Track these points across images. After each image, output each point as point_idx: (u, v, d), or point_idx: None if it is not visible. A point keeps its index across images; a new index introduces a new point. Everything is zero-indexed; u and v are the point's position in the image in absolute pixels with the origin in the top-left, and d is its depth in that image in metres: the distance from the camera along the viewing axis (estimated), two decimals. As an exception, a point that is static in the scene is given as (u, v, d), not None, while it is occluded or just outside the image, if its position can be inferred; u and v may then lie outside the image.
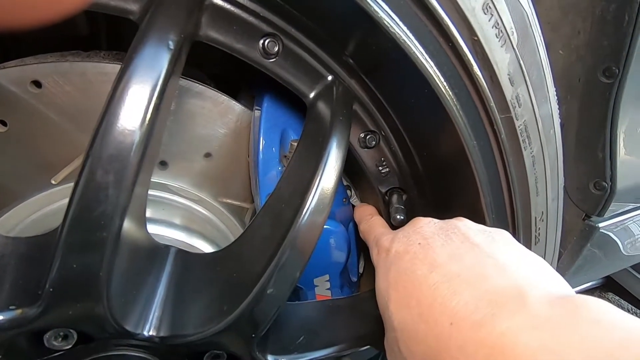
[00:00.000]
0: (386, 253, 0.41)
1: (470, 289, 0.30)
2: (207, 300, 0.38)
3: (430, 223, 0.41)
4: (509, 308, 0.27)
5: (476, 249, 0.35)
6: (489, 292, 0.29)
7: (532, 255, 0.35)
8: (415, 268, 0.35)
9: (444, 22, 0.33)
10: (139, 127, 0.28)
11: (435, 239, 0.38)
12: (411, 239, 0.39)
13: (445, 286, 0.32)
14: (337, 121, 0.40)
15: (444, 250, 0.36)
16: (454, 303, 0.30)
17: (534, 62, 0.40)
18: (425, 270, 0.34)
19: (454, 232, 0.38)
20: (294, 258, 0.36)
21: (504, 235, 0.38)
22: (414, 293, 0.34)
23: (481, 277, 0.31)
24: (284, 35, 0.40)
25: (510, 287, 0.29)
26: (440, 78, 0.36)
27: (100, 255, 0.28)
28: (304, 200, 0.36)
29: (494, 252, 0.34)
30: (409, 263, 0.36)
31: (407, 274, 0.36)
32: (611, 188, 0.63)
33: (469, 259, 0.34)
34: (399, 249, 0.39)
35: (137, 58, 0.28)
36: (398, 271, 0.37)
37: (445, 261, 0.34)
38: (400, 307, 0.35)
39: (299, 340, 0.42)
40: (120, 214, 0.28)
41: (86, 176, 0.27)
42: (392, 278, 0.37)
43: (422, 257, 0.36)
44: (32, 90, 0.44)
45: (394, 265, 0.38)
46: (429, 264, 0.35)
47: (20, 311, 0.28)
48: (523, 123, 0.41)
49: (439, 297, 0.31)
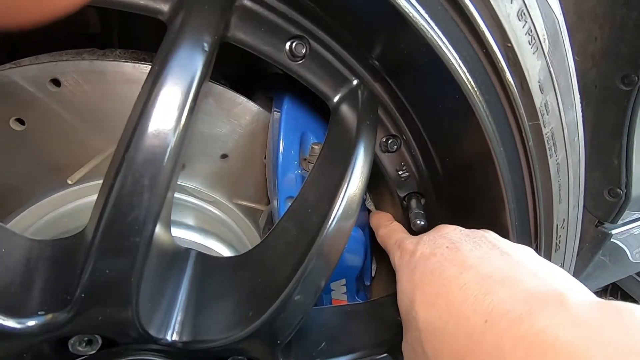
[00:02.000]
0: (410, 255, 0.40)
1: (504, 289, 0.30)
2: (231, 305, 0.37)
3: (456, 230, 0.41)
4: (548, 307, 0.27)
5: (506, 256, 0.35)
6: (525, 292, 0.29)
7: (557, 267, 0.35)
8: (444, 269, 0.35)
9: (479, 28, 0.33)
10: (174, 131, 0.27)
11: (463, 244, 0.37)
12: (438, 242, 0.39)
13: (478, 285, 0.31)
14: (364, 125, 0.40)
15: (473, 254, 0.35)
16: (488, 301, 0.30)
17: (563, 69, 0.39)
18: (455, 271, 0.34)
19: (482, 240, 0.38)
20: (320, 266, 0.36)
21: (530, 250, 0.37)
22: (441, 292, 0.33)
23: (515, 279, 0.31)
24: (311, 38, 0.39)
25: (547, 289, 0.29)
26: (472, 84, 0.35)
27: (132, 260, 0.27)
28: (331, 206, 0.36)
29: (524, 260, 0.34)
30: (436, 264, 0.36)
31: (434, 275, 0.35)
32: (626, 195, 0.63)
33: (500, 263, 0.33)
34: (425, 251, 0.39)
35: (172, 59, 0.28)
36: (424, 272, 0.36)
37: (475, 263, 0.34)
38: (426, 306, 0.34)
39: (320, 346, 0.41)
40: (154, 219, 0.27)
41: (121, 179, 0.26)
42: (418, 279, 0.37)
43: (451, 259, 0.36)
44: (51, 88, 0.43)
45: (420, 266, 0.37)
46: (458, 265, 0.34)
47: (50, 316, 0.27)
48: (550, 130, 0.40)
49: (470, 297, 0.31)
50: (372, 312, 0.48)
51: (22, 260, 0.29)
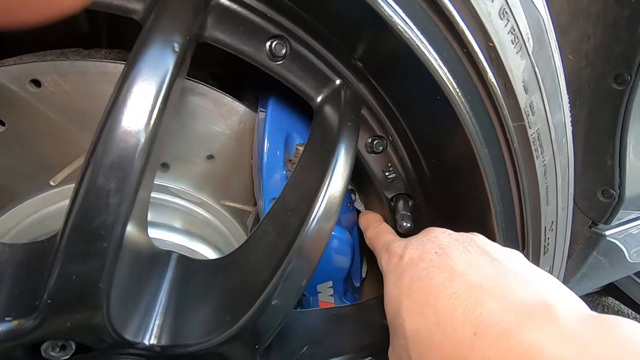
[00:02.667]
0: (398, 259, 0.39)
1: (494, 300, 0.29)
2: (210, 309, 0.37)
3: (444, 233, 0.40)
4: (537, 320, 0.26)
5: (495, 262, 0.34)
6: (514, 304, 0.29)
7: (548, 274, 0.34)
8: (432, 275, 0.34)
9: (459, 27, 0.32)
10: (142, 133, 0.27)
11: (452, 249, 0.37)
12: (426, 246, 0.38)
13: (467, 295, 0.31)
14: (346, 126, 0.39)
15: (462, 260, 0.35)
16: (477, 313, 0.29)
17: (549, 69, 0.39)
18: (444, 279, 0.33)
19: (471, 244, 0.37)
20: (300, 267, 0.35)
21: (519, 255, 0.37)
22: (429, 301, 0.33)
23: (504, 288, 0.30)
24: (291, 37, 0.39)
25: (536, 299, 0.29)
26: (453, 84, 0.34)
27: (100, 265, 0.27)
28: (311, 208, 0.35)
29: (513, 266, 0.34)
30: (424, 271, 0.35)
31: (423, 281, 0.34)
32: (619, 196, 0.62)
33: (489, 270, 0.33)
34: (413, 256, 0.38)
35: (141, 60, 0.27)
36: (412, 278, 0.36)
37: (464, 270, 0.33)
38: (413, 314, 0.34)
39: (302, 350, 0.41)
40: (122, 222, 0.27)
41: (87, 183, 0.26)
42: (405, 285, 0.36)
43: (439, 265, 0.35)
44: (31, 89, 0.43)
45: (408, 272, 0.37)
46: (447, 272, 0.34)
47: (17, 323, 0.27)
48: (536, 131, 0.39)
49: (459, 307, 0.30)
50: (358, 315, 0.48)
51: (-9, 265, 0.28)
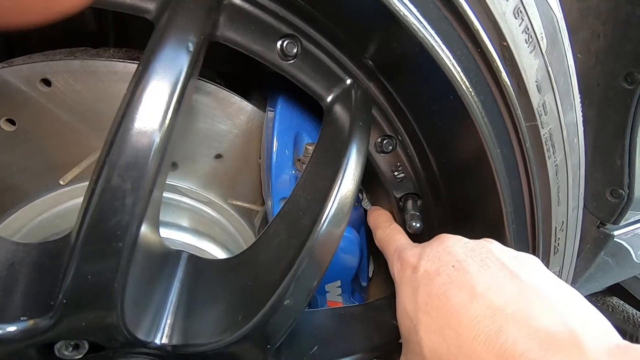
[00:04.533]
0: (412, 270, 0.38)
1: (517, 327, 0.29)
2: (221, 309, 0.37)
3: (459, 242, 0.39)
4: (564, 352, 0.26)
5: (516, 279, 0.33)
6: (540, 332, 0.28)
7: (566, 285, 0.33)
8: (452, 294, 0.33)
9: (473, 27, 0.32)
10: (158, 133, 0.26)
11: (469, 263, 0.36)
12: (443, 259, 0.37)
13: (489, 321, 0.30)
14: (357, 126, 0.39)
15: (482, 278, 0.34)
16: (501, 341, 0.28)
17: (562, 69, 0.38)
18: (464, 299, 0.32)
19: (488, 256, 0.36)
20: (311, 268, 0.35)
21: (537, 263, 0.36)
22: (450, 323, 0.32)
23: (528, 314, 0.30)
24: (303, 37, 0.38)
25: (562, 329, 0.28)
26: (466, 84, 0.34)
27: (115, 265, 0.27)
28: (322, 208, 0.35)
29: (534, 283, 0.33)
30: (443, 287, 0.34)
31: (441, 300, 0.34)
32: (628, 196, 0.62)
33: (510, 290, 0.32)
34: (429, 269, 0.37)
35: (155, 60, 0.27)
36: (429, 294, 0.35)
37: (485, 291, 0.32)
38: (433, 334, 0.33)
39: (312, 350, 0.41)
40: (137, 222, 0.27)
41: (102, 183, 0.26)
42: (422, 301, 0.35)
43: (458, 283, 0.34)
44: (42, 88, 0.43)
45: (424, 286, 0.36)
46: (467, 292, 0.33)
47: (32, 322, 0.27)
48: (548, 131, 0.39)
49: (482, 333, 0.30)
50: (367, 315, 0.48)
51: (6, 265, 0.28)
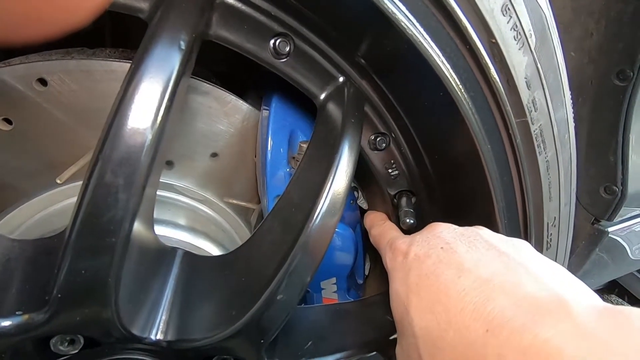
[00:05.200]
0: (403, 256, 0.39)
1: (505, 295, 0.29)
2: (215, 304, 0.37)
3: (449, 228, 0.39)
4: (552, 316, 0.26)
5: (504, 256, 0.33)
6: (527, 299, 0.28)
7: (558, 265, 0.33)
8: (440, 272, 0.34)
9: (462, 24, 0.32)
10: (150, 130, 0.27)
11: (458, 244, 0.36)
12: (432, 242, 0.38)
13: (477, 292, 0.30)
14: (349, 123, 0.39)
15: (470, 256, 0.34)
16: (489, 309, 0.28)
17: (551, 66, 0.39)
18: (452, 275, 0.33)
19: (476, 239, 0.36)
20: (304, 263, 0.35)
21: (527, 246, 0.36)
22: (440, 298, 0.32)
23: (515, 284, 0.29)
24: (295, 35, 0.39)
25: (549, 294, 0.28)
26: (456, 81, 0.35)
27: (109, 260, 0.27)
28: (315, 204, 0.35)
29: (522, 260, 0.33)
30: (432, 267, 0.35)
31: (430, 278, 0.34)
32: (622, 192, 0.62)
33: (498, 265, 0.32)
34: (418, 253, 0.37)
35: (147, 58, 0.28)
36: (419, 275, 0.35)
37: (473, 266, 0.33)
38: (423, 312, 0.33)
39: (306, 345, 0.41)
40: (130, 218, 0.27)
41: (95, 179, 0.26)
42: (413, 282, 0.36)
43: (447, 262, 0.34)
44: (38, 88, 0.43)
45: (414, 269, 0.36)
46: (455, 268, 0.33)
47: (27, 317, 0.27)
48: (539, 127, 0.40)
49: (470, 303, 0.30)
50: (362, 311, 0.48)
51: (2, 261, 0.29)
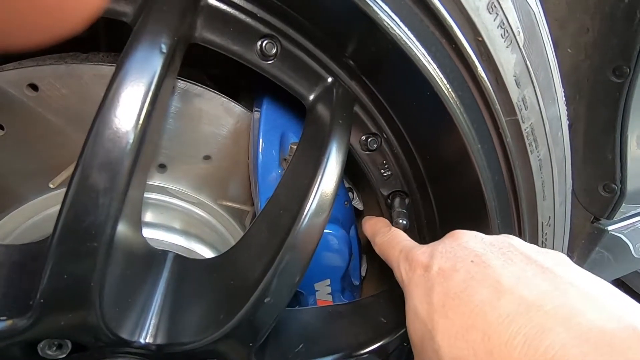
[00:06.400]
0: (424, 269, 0.34)
1: (563, 327, 0.24)
2: (205, 307, 0.37)
3: (476, 237, 0.35)
4: (629, 354, 0.22)
5: (548, 273, 0.29)
6: (593, 332, 0.23)
7: (602, 280, 0.29)
8: (473, 291, 0.29)
9: (446, 23, 0.32)
10: (131, 134, 0.27)
11: (490, 257, 0.31)
12: (459, 254, 0.33)
13: (525, 319, 0.25)
14: (337, 124, 0.39)
15: (508, 271, 0.29)
16: (545, 344, 0.24)
17: (541, 63, 0.38)
18: (489, 295, 0.28)
19: (510, 250, 0.32)
20: (292, 265, 0.35)
21: (566, 259, 0.32)
22: (475, 323, 0.28)
23: (572, 311, 0.25)
24: (282, 37, 0.39)
25: (620, 327, 0.23)
26: (442, 80, 0.34)
27: (91, 265, 0.27)
28: (302, 205, 0.35)
29: (570, 278, 0.28)
30: (462, 284, 0.30)
31: (462, 299, 0.30)
32: (621, 190, 0.61)
33: (545, 285, 0.28)
34: (443, 266, 0.33)
35: (128, 62, 0.28)
36: (446, 294, 0.31)
37: (513, 285, 0.28)
38: (453, 339, 0.28)
39: (298, 348, 0.41)
40: (112, 222, 0.27)
41: (76, 184, 0.26)
42: (438, 301, 0.31)
43: (480, 278, 0.30)
44: (29, 93, 0.44)
45: (439, 285, 0.32)
46: (491, 286, 0.29)
47: (11, 322, 0.27)
48: (530, 126, 0.39)
49: (518, 335, 0.25)
50: (355, 313, 0.48)
51: (-13, 266, 0.29)
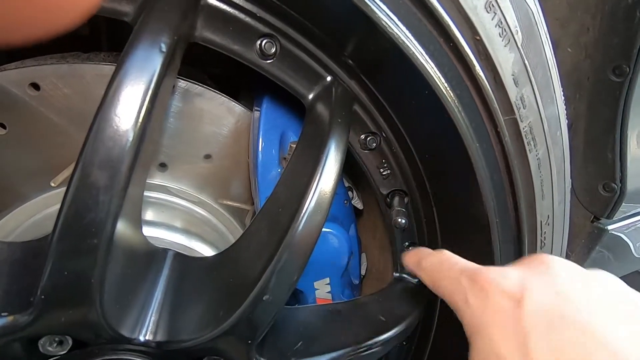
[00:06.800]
0: (513, 302, 0.29)
1: None
2: (204, 305, 0.38)
3: (572, 271, 0.30)
4: None
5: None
6: None
7: None
8: (586, 352, 0.26)
9: (444, 22, 0.32)
10: (131, 132, 0.27)
11: (594, 306, 0.27)
12: (558, 288, 0.29)
13: None
14: (336, 123, 0.39)
15: (624, 332, 0.26)
16: None
17: (540, 62, 0.38)
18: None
19: (620, 298, 0.28)
20: (291, 262, 0.35)
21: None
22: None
23: None
24: (281, 36, 0.39)
25: None
26: (441, 79, 0.34)
27: (91, 261, 0.28)
28: (301, 204, 0.35)
29: None
30: (572, 337, 0.26)
31: (571, 356, 0.26)
32: (621, 190, 0.61)
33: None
34: (543, 302, 0.28)
35: (128, 61, 0.28)
36: (553, 349, 0.26)
37: (633, 352, 0.25)
38: None
39: (296, 346, 0.41)
40: (112, 220, 0.28)
41: (77, 182, 0.26)
42: (538, 355, 0.26)
43: (592, 335, 0.26)
44: (31, 92, 0.44)
45: (538, 329, 0.27)
46: (607, 351, 0.25)
47: (12, 318, 0.27)
48: (528, 125, 0.39)
49: None
50: (353, 311, 0.48)
51: (-11, 263, 0.29)
